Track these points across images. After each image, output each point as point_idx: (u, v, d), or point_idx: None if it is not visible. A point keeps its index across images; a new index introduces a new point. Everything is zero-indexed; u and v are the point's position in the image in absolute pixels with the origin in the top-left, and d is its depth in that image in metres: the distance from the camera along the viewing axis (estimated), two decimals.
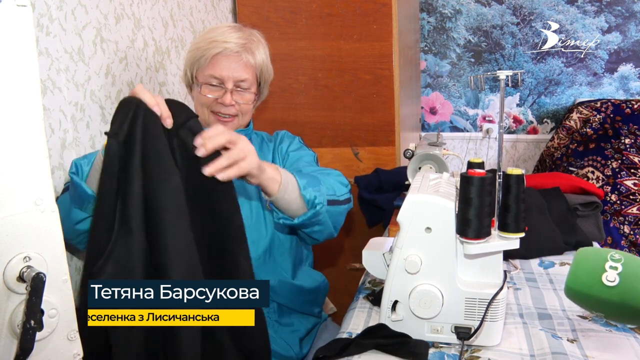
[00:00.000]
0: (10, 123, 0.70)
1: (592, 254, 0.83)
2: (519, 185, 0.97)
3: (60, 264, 0.77)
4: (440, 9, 3.02)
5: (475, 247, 0.96)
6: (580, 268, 0.79)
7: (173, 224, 0.90)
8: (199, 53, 1.30)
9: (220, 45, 1.29)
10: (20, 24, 0.69)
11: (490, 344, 1.01)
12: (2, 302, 0.70)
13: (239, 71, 1.31)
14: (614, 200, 2.26)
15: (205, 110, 1.32)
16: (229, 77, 1.30)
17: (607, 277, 0.76)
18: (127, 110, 0.90)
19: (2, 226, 0.69)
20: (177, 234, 0.91)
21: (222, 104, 1.30)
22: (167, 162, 0.92)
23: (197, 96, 1.33)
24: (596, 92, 2.91)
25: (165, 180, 0.90)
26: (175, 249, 0.90)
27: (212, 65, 1.30)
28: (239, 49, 1.30)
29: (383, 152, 2.13)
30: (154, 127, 0.92)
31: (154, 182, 0.89)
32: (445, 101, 3.13)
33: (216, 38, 1.29)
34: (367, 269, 1.17)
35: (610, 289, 0.75)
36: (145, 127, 0.90)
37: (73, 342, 0.78)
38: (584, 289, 0.76)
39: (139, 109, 0.91)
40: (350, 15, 2.07)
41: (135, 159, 0.88)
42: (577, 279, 0.77)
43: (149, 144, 0.90)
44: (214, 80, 1.30)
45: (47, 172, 0.74)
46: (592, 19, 2.84)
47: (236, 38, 1.30)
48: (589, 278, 0.76)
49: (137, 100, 0.92)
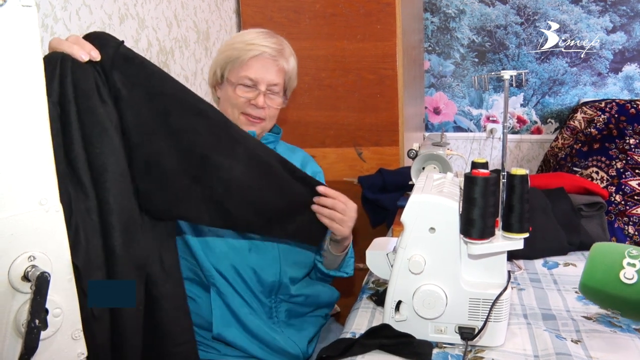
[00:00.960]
0: (15, 123, 0.70)
1: (608, 250, 0.81)
2: (523, 186, 0.97)
3: (65, 263, 0.77)
4: (444, 9, 3.02)
5: (479, 248, 0.96)
6: (596, 264, 0.77)
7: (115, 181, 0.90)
8: (236, 54, 1.33)
9: (258, 48, 1.32)
10: (25, 24, 0.70)
11: (494, 345, 1.01)
12: (7, 301, 0.70)
13: (273, 75, 1.34)
14: (619, 201, 2.25)
15: (236, 111, 1.34)
16: (263, 80, 1.33)
17: (625, 274, 0.74)
18: (53, 69, 0.86)
19: (7, 226, 0.69)
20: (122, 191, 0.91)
21: (254, 106, 1.33)
22: (104, 119, 0.90)
23: (229, 96, 1.35)
24: (600, 92, 2.90)
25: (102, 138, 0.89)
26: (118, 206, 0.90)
27: (247, 67, 1.33)
28: (275, 54, 1.35)
29: (387, 152, 2.13)
30: (83, 81, 0.88)
31: (93, 143, 0.88)
32: (449, 101, 3.12)
33: (253, 41, 1.33)
34: (371, 269, 1.17)
35: (628, 287, 0.73)
36: (75, 84, 0.87)
37: (77, 341, 0.79)
38: (600, 286, 0.74)
39: (65, 64, 0.87)
40: (354, 15, 2.07)
41: (72, 118, 0.86)
42: (593, 275, 0.75)
43: (81, 101, 0.88)
44: (248, 81, 1.33)
45: (51, 172, 0.75)
46: (597, 19, 2.83)
47: (272, 43, 1.35)
48: (605, 275, 0.74)
49: (60, 55, 0.88)
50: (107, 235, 0.89)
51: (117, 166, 0.91)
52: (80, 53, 0.89)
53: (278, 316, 1.35)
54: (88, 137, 0.88)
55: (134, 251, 0.93)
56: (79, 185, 0.87)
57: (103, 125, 0.90)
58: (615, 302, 0.76)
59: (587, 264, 0.88)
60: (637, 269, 0.75)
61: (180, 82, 1.00)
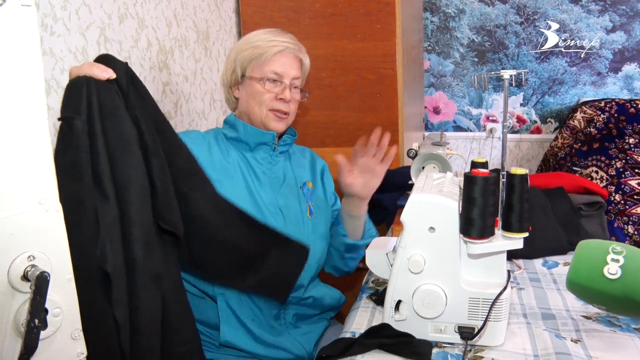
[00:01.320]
0: (15, 123, 0.70)
1: (593, 247, 0.82)
2: (523, 185, 0.97)
3: (65, 263, 0.77)
4: (443, 9, 3.02)
5: (479, 247, 0.96)
6: (581, 261, 0.78)
7: (138, 195, 0.94)
8: (259, 51, 1.35)
9: (281, 44, 1.36)
10: (24, 24, 0.70)
11: (494, 344, 1.01)
12: (7, 301, 0.70)
13: (296, 69, 1.38)
14: (618, 200, 2.25)
15: (264, 108, 1.35)
16: (288, 74, 1.36)
17: (609, 269, 0.74)
18: (80, 90, 0.92)
19: (7, 225, 0.69)
20: (142, 205, 0.95)
21: (282, 100, 1.35)
22: (128, 135, 0.96)
23: (256, 92, 1.35)
24: (600, 92, 2.90)
25: (127, 154, 0.94)
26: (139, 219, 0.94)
27: (273, 62, 1.35)
28: (296, 48, 1.39)
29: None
30: (109, 102, 0.95)
31: (117, 158, 0.93)
32: (449, 101, 3.12)
33: (274, 38, 1.36)
34: (371, 268, 1.17)
35: (612, 282, 0.73)
36: (101, 103, 0.93)
37: (77, 341, 0.79)
38: (585, 282, 0.75)
39: (90, 85, 0.93)
40: (354, 14, 2.07)
41: (98, 134, 0.91)
42: (578, 272, 0.75)
43: (107, 119, 0.94)
44: (274, 75, 1.35)
45: (51, 172, 0.75)
46: (596, 18, 2.83)
47: (290, 39, 1.39)
48: (590, 271, 0.75)
49: (84, 78, 0.94)
50: (130, 246, 0.93)
51: (138, 180, 0.95)
52: (102, 73, 0.96)
53: (285, 318, 1.36)
54: (112, 152, 0.93)
55: (152, 262, 0.97)
56: (105, 199, 0.91)
57: (127, 141, 0.95)
58: (601, 297, 0.77)
59: (573, 261, 0.88)
60: (621, 265, 0.75)
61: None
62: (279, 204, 1.35)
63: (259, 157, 1.37)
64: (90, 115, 0.92)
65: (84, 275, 0.87)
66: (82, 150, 0.89)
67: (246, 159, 1.36)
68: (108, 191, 0.91)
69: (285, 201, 1.36)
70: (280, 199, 1.36)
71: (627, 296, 0.74)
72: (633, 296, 0.72)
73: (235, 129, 1.37)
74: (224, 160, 1.33)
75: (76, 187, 0.89)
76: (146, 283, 0.95)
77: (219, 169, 1.30)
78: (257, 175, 1.35)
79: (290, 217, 1.35)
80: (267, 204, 1.33)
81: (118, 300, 0.89)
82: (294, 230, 1.34)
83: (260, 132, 1.35)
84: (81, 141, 0.89)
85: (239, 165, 1.34)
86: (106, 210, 0.90)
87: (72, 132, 0.89)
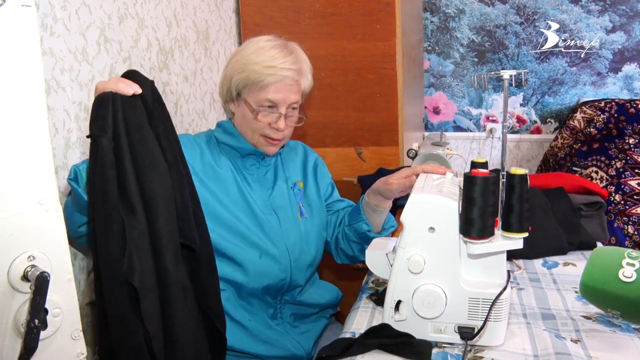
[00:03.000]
0: (15, 123, 0.70)
1: (608, 252, 0.82)
2: (523, 185, 0.97)
3: (64, 263, 0.77)
4: (443, 9, 3.02)
5: (479, 247, 0.96)
6: (596, 265, 0.78)
7: (165, 208, 0.97)
8: (254, 77, 1.28)
9: (279, 73, 1.27)
10: (24, 24, 0.70)
11: (494, 344, 1.01)
12: (7, 301, 0.70)
13: (293, 95, 1.31)
14: (618, 200, 2.25)
15: (256, 134, 1.32)
16: (284, 102, 1.30)
17: (624, 273, 0.74)
18: (107, 107, 0.95)
19: (7, 225, 0.69)
20: (169, 217, 0.98)
21: (276, 129, 1.30)
22: (154, 150, 0.99)
23: (249, 120, 1.31)
24: (600, 92, 2.90)
25: (153, 168, 0.97)
26: (167, 230, 0.97)
27: (269, 91, 1.28)
28: (296, 77, 1.31)
29: (386, 151, 2.12)
30: (134, 117, 0.97)
31: (145, 172, 0.96)
32: (449, 101, 3.12)
33: (273, 64, 1.27)
34: (371, 268, 1.17)
35: (627, 285, 0.73)
36: (126, 119, 0.96)
37: (77, 341, 0.79)
38: (600, 285, 0.74)
39: (116, 101, 0.96)
40: (354, 14, 2.07)
41: (125, 150, 0.94)
42: (593, 275, 0.75)
43: (132, 135, 0.96)
44: (268, 103, 1.29)
45: (51, 172, 0.75)
46: (596, 19, 2.83)
47: (291, 64, 1.29)
48: (604, 274, 0.75)
49: (110, 95, 0.96)
50: (160, 258, 0.95)
51: (165, 192, 0.98)
52: (127, 89, 0.98)
53: (283, 317, 1.36)
54: (140, 167, 0.96)
55: (181, 273, 1.00)
56: (132, 213, 0.93)
57: (154, 155, 0.98)
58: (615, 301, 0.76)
59: (587, 265, 0.89)
60: (636, 269, 0.75)
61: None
62: (273, 205, 1.36)
63: (248, 164, 1.37)
64: (116, 131, 0.94)
65: (114, 290, 0.90)
66: (108, 167, 0.91)
67: (237, 165, 1.36)
68: (135, 204, 0.93)
69: (278, 202, 1.37)
70: (273, 200, 1.37)
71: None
72: None
73: (231, 135, 1.36)
74: (215, 165, 1.32)
75: (103, 203, 0.91)
76: (177, 292, 0.97)
77: (210, 174, 1.30)
78: (247, 180, 1.35)
79: (285, 217, 1.36)
80: (260, 206, 1.33)
81: (149, 313, 0.91)
82: (289, 231, 1.35)
83: (252, 148, 1.35)
84: (107, 158, 0.92)
85: (230, 169, 1.33)
86: (133, 224, 0.92)
87: (98, 150, 0.92)
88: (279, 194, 1.38)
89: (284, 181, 1.41)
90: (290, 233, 1.35)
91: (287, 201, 1.39)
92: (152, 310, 0.92)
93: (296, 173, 1.46)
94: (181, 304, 0.98)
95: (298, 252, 1.35)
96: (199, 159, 1.31)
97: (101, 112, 0.94)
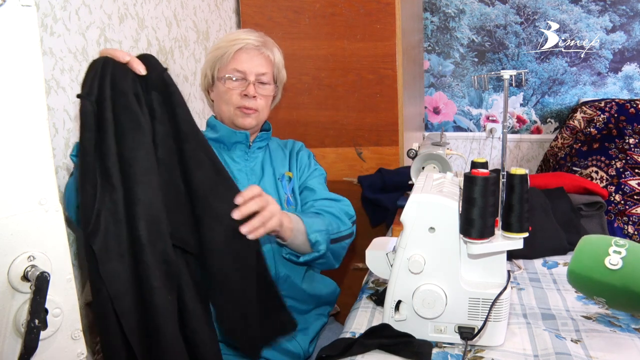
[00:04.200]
0: (15, 123, 0.70)
1: (595, 240, 0.83)
2: (523, 185, 0.97)
3: (65, 263, 0.77)
4: (443, 9, 3.02)
5: (479, 247, 0.96)
6: (583, 252, 0.79)
7: (142, 175, 0.94)
8: (221, 52, 1.37)
9: (242, 41, 1.37)
10: (24, 24, 0.70)
11: (494, 344, 1.01)
12: (7, 301, 0.70)
13: (260, 65, 1.38)
14: (618, 200, 2.25)
15: (231, 107, 1.37)
16: (251, 71, 1.37)
17: (610, 260, 0.75)
18: (95, 71, 0.94)
19: (7, 225, 0.69)
20: (147, 186, 0.94)
21: (246, 96, 1.36)
22: (138, 116, 0.96)
23: (221, 92, 1.38)
24: (600, 92, 2.90)
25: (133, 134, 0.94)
26: (144, 199, 0.93)
27: (234, 61, 1.37)
28: (259, 44, 1.39)
29: (386, 151, 2.13)
30: (121, 83, 0.95)
31: (125, 136, 0.93)
32: (449, 101, 3.12)
33: (237, 37, 1.38)
34: (371, 268, 1.17)
35: (613, 273, 0.74)
36: (113, 83, 0.94)
37: (77, 341, 0.79)
38: (586, 272, 0.75)
39: (106, 67, 0.94)
40: (354, 14, 2.07)
41: (107, 114, 0.92)
42: (580, 262, 0.76)
43: (117, 98, 0.94)
44: (237, 74, 1.37)
45: (51, 172, 0.75)
46: (596, 19, 2.83)
47: (255, 36, 1.40)
48: (591, 261, 0.76)
49: (103, 59, 0.95)
50: (133, 225, 0.92)
51: (146, 160, 0.95)
52: (123, 55, 0.96)
53: None
54: (121, 131, 0.93)
55: (161, 246, 0.95)
56: (107, 177, 0.91)
57: (137, 121, 0.95)
58: (600, 288, 0.77)
59: (575, 253, 0.89)
60: (622, 256, 0.76)
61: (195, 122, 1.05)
62: None
63: (235, 156, 1.40)
64: (101, 95, 0.92)
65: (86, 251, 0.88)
66: (87, 129, 0.90)
67: (224, 159, 1.39)
68: (111, 169, 0.91)
69: None
70: None
71: (626, 287, 0.75)
72: (632, 287, 0.73)
73: (215, 129, 1.41)
74: None
75: (81, 165, 0.90)
76: (155, 265, 0.93)
77: None
78: (233, 174, 1.37)
79: None
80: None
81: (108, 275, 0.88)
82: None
83: (233, 132, 1.39)
84: (87, 120, 0.90)
85: None
86: (106, 188, 0.90)
87: (80, 113, 0.91)
88: (264, 187, 1.38)
89: (271, 174, 1.43)
90: None
91: (274, 192, 1.40)
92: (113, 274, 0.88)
93: (284, 165, 1.46)
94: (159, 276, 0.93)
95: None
96: None
97: (90, 75, 0.93)
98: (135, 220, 0.92)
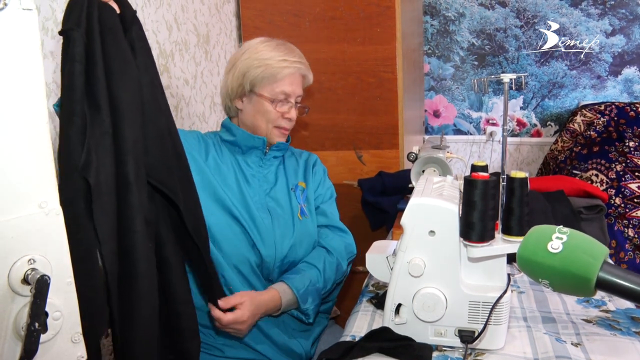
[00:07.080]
0: (16, 126, 0.70)
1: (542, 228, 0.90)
2: (523, 189, 0.97)
3: (65, 266, 0.77)
4: (443, 12, 3.02)
5: (479, 251, 0.96)
6: (529, 237, 0.86)
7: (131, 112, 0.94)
8: (271, 71, 1.39)
9: (292, 65, 1.41)
10: (25, 28, 0.70)
11: (494, 348, 1.01)
12: (7, 304, 0.70)
13: (300, 88, 1.45)
14: (618, 204, 2.25)
15: (270, 125, 1.42)
16: (294, 93, 1.43)
17: (552, 245, 0.82)
18: (81, 5, 0.91)
19: (7, 228, 0.69)
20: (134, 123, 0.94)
21: (288, 119, 1.43)
22: (125, 53, 0.95)
23: (266, 110, 1.40)
24: (600, 95, 2.91)
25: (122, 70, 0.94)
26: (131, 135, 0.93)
27: (283, 83, 1.40)
28: (305, 67, 1.45)
29: (387, 155, 2.13)
30: (110, 19, 0.94)
31: (114, 72, 0.93)
32: (449, 104, 3.13)
33: (285, 58, 1.40)
34: (371, 272, 1.17)
35: (554, 256, 0.82)
36: (101, 19, 0.93)
37: (77, 344, 0.79)
38: (531, 256, 0.82)
39: (92, 3, 0.92)
40: (354, 18, 2.08)
41: (97, 47, 0.91)
42: (526, 247, 0.84)
43: (107, 34, 0.93)
44: (282, 95, 1.41)
45: (52, 175, 0.75)
46: (596, 22, 2.84)
47: (299, 57, 1.44)
48: (535, 246, 0.83)
49: None
50: (120, 161, 0.91)
51: (133, 97, 0.95)
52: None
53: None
54: (110, 67, 0.92)
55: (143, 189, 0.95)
56: (96, 110, 0.89)
57: (126, 58, 0.95)
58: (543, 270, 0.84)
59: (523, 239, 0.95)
60: (563, 241, 0.83)
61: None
62: (268, 205, 1.39)
63: (249, 161, 1.42)
64: (90, 28, 0.91)
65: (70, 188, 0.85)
66: (77, 60, 0.88)
67: (238, 162, 1.41)
68: (101, 102, 0.89)
69: (274, 203, 1.40)
70: (269, 201, 1.39)
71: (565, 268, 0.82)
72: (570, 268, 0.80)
73: (232, 132, 1.43)
74: (219, 160, 1.39)
75: (68, 98, 0.87)
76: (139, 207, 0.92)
77: (213, 167, 1.36)
78: (246, 178, 1.39)
79: (279, 218, 1.38)
80: (255, 202, 1.37)
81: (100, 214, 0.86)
82: (281, 230, 1.36)
83: (251, 136, 1.41)
84: (77, 51, 0.88)
85: (232, 165, 1.39)
86: (96, 121, 0.88)
87: (69, 44, 0.88)
88: (276, 196, 1.41)
89: (285, 184, 1.44)
90: (284, 232, 1.37)
91: (286, 202, 1.41)
92: (104, 213, 0.87)
93: (297, 175, 1.48)
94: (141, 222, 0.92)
95: (286, 252, 1.36)
96: (204, 153, 1.38)
97: (75, 9, 0.90)
98: (122, 155, 0.91)
